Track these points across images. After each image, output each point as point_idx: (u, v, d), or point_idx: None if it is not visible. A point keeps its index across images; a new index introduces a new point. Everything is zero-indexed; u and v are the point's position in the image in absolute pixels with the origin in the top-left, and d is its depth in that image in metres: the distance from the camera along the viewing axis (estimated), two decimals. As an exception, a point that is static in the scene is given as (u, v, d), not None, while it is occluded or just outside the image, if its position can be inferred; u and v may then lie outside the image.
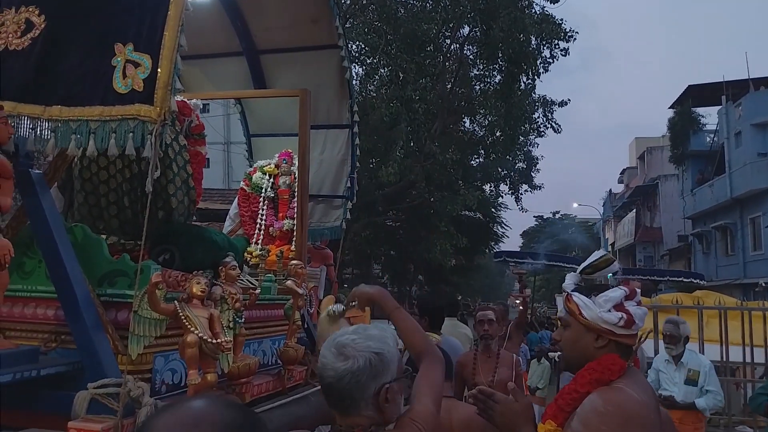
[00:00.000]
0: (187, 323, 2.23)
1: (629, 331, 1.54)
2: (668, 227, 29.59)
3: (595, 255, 1.68)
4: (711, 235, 24.65)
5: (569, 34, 15.72)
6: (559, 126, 17.42)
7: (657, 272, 20.16)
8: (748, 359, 6.09)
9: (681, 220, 27.36)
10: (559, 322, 1.69)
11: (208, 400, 0.78)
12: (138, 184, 3.12)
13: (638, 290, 1.61)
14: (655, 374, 4.67)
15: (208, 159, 4.28)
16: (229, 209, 5.10)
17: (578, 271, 1.67)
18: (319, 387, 1.46)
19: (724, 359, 6.07)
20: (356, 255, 18.91)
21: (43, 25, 2.49)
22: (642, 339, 1.62)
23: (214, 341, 2.26)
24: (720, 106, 23.85)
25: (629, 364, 1.55)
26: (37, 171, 2.59)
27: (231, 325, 2.62)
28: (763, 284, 19.12)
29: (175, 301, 2.29)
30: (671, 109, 26.71)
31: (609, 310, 1.53)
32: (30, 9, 2.53)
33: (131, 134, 2.26)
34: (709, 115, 25.81)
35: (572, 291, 1.63)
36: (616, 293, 1.55)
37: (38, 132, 2.38)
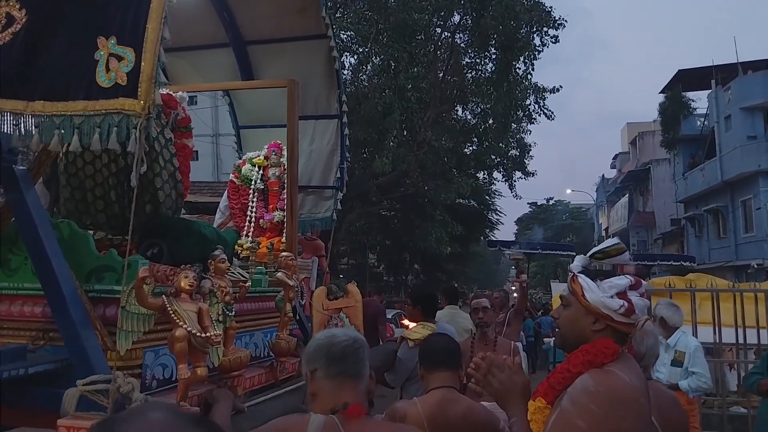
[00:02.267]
0: (175, 317, 2.23)
1: (628, 320, 1.55)
2: (661, 211, 29.74)
3: (608, 242, 1.70)
4: (703, 219, 24.79)
5: (559, 21, 15.69)
6: (552, 112, 17.40)
7: (648, 257, 20.28)
8: (740, 340, 6.14)
9: (673, 204, 27.49)
10: (560, 301, 1.70)
11: (170, 414, 0.69)
12: (125, 179, 3.09)
13: (644, 282, 1.63)
14: None
15: (197, 152, 4.25)
16: (218, 202, 5.07)
17: (588, 254, 1.69)
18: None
19: (717, 341, 6.12)
20: (351, 245, 18.93)
21: (24, 19, 2.45)
22: (639, 326, 1.64)
23: (203, 335, 2.25)
24: (709, 90, 23.89)
25: (623, 350, 1.56)
26: (21, 167, 2.56)
27: (221, 318, 2.62)
28: (755, 266, 19.28)
29: (163, 296, 2.28)
30: (662, 94, 26.74)
31: (612, 296, 1.55)
32: (11, 3, 2.48)
33: (116, 128, 2.24)
34: (699, 100, 25.88)
35: (578, 272, 1.65)
36: (622, 281, 1.57)
37: (22, 128, 2.36)
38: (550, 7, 15.57)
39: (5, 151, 2.46)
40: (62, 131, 2.30)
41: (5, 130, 2.37)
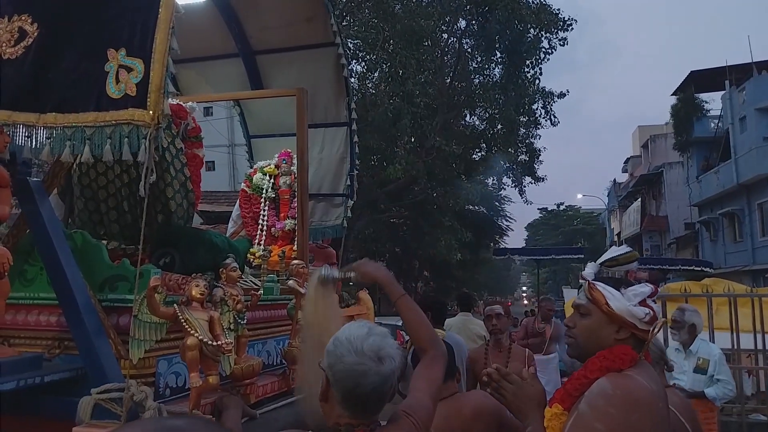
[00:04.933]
0: (186, 326, 2.24)
1: (649, 327, 1.56)
2: (674, 215, 29.42)
3: (619, 250, 1.69)
4: (718, 222, 24.48)
5: (568, 22, 15.69)
6: (557, 118, 17.34)
7: (667, 261, 20.07)
8: (759, 346, 6.03)
9: (687, 207, 27.17)
10: (575, 309, 1.66)
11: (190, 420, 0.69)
12: (136, 189, 3.10)
13: (657, 290, 1.64)
14: None
15: (213, 162, 4.29)
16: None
17: (599, 261, 1.68)
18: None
19: (735, 347, 6.01)
20: (360, 253, 18.91)
21: (36, 33, 2.49)
22: (656, 330, 1.63)
23: (215, 343, 2.26)
24: (723, 92, 23.66)
25: (640, 356, 1.56)
26: (35, 179, 2.59)
27: (232, 326, 2.63)
28: (772, 270, 18.96)
29: (175, 305, 2.30)
30: (674, 96, 26.54)
31: (636, 305, 1.55)
32: (23, 17, 2.53)
33: (126, 139, 2.27)
34: (713, 101, 25.61)
35: (593, 280, 1.63)
36: (645, 289, 1.57)
37: (34, 140, 2.39)
38: (558, 9, 15.60)
39: (20, 163, 2.50)
40: (74, 143, 2.33)
41: (19, 143, 2.41)
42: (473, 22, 15.78)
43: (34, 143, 2.36)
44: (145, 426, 0.66)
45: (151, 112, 2.22)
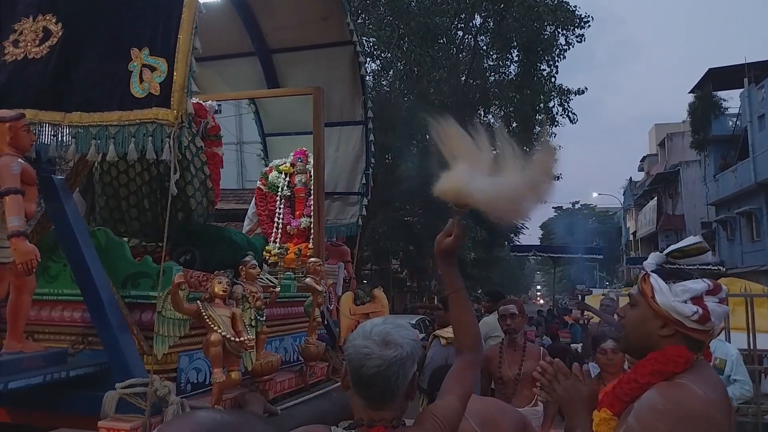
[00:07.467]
0: (210, 322, 2.27)
1: (702, 327, 1.41)
2: (691, 214, 29.04)
3: (688, 240, 1.58)
4: (735, 221, 24.12)
5: (584, 19, 15.53)
6: (575, 115, 17.14)
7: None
8: (776, 346, 5.95)
9: (704, 206, 26.79)
10: (628, 298, 1.57)
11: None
12: (157, 187, 3.16)
13: (724, 287, 1.49)
14: None
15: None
16: (243, 209, 5.14)
17: (665, 252, 1.56)
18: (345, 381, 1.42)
19: (752, 347, 5.94)
20: (375, 251, 18.93)
21: (60, 33, 2.53)
22: (716, 333, 1.53)
23: (237, 339, 2.29)
24: (742, 89, 23.28)
25: (698, 357, 1.43)
26: (59, 177, 2.64)
27: (253, 323, 2.65)
28: (791, 270, 18.64)
29: (198, 301, 2.33)
30: (691, 94, 26.17)
31: (685, 301, 1.42)
32: (47, 17, 2.57)
33: (150, 138, 2.30)
34: (731, 99, 25.18)
35: (651, 271, 1.52)
36: (698, 285, 1.43)
37: (59, 138, 2.43)
38: (575, 6, 15.45)
39: (44, 161, 2.54)
40: (99, 141, 2.37)
41: (44, 141, 2.45)
42: (489, 19, 15.69)
43: (59, 142, 2.40)
44: (199, 419, 0.68)
45: (174, 111, 2.25)
